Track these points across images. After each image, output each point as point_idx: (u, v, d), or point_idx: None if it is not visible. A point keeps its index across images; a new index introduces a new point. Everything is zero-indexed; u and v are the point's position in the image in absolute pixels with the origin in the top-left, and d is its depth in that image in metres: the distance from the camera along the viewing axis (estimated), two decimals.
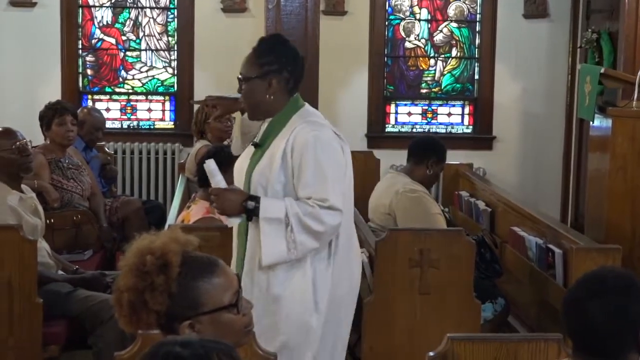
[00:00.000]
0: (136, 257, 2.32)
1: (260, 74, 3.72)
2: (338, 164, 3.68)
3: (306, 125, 3.68)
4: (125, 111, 9.30)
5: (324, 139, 3.66)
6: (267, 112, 3.76)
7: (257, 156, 3.75)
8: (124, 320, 2.36)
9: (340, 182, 3.64)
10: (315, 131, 3.66)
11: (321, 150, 3.62)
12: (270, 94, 3.72)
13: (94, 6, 9.23)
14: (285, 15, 7.58)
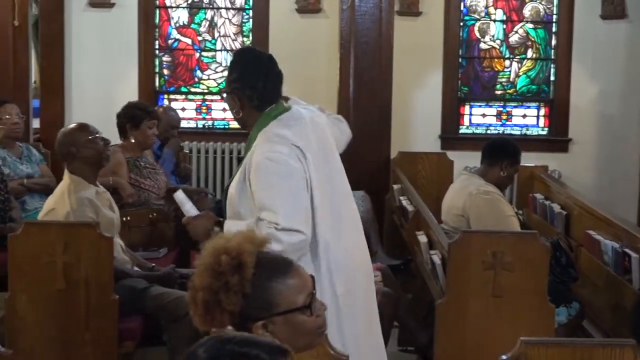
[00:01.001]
0: (212, 257, 2.34)
1: (229, 91, 3.72)
2: (290, 181, 3.55)
3: (261, 144, 3.60)
4: (200, 111, 9.39)
5: (274, 158, 3.54)
6: (244, 126, 3.77)
7: (236, 171, 3.77)
8: (198, 318, 2.38)
9: (294, 200, 3.53)
10: (267, 152, 3.56)
11: (271, 172, 3.52)
12: (238, 109, 3.70)
13: (170, 7, 9.34)
14: (360, 16, 7.58)
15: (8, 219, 6.10)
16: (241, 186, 3.62)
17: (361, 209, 6.92)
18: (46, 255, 4.49)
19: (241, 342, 1.79)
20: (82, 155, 4.98)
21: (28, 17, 7.83)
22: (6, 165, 6.50)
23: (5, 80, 7.66)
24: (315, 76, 8.87)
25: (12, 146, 6.70)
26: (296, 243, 3.50)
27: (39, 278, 4.52)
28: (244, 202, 3.62)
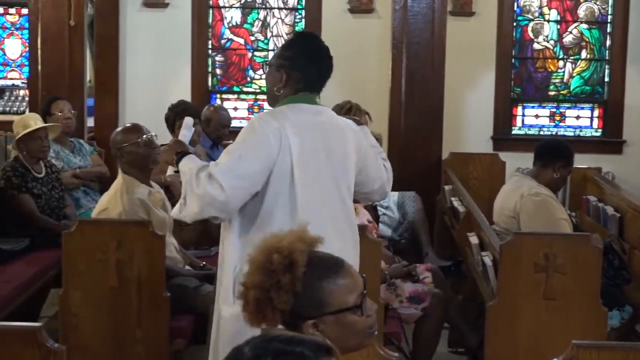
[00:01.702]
0: (263, 255, 2.35)
1: (275, 65, 3.66)
2: (251, 147, 3.49)
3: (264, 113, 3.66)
4: (252, 110, 9.44)
5: (256, 124, 3.53)
6: (272, 102, 3.70)
7: None
8: (250, 316, 2.39)
9: (240, 163, 3.47)
10: (257, 118, 3.61)
11: (246, 131, 3.54)
12: (278, 87, 3.64)
13: (224, 7, 9.40)
14: (412, 16, 7.57)
15: (62, 216, 6.19)
16: None
17: (412, 209, 6.93)
18: (99, 253, 4.54)
19: (286, 340, 1.80)
20: (129, 158, 5.02)
21: (84, 17, 7.92)
22: (59, 158, 6.62)
23: (61, 79, 7.75)
24: (366, 76, 8.87)
25: (65, 141, 6.83)
26: (213, 196, 3.44)
27: (92, 275, 4.57)
28: None
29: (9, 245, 5.84)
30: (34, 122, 6.15)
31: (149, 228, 4.59)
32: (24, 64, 10.64)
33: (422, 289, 5.21)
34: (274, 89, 3.65)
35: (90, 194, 6.74)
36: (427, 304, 5.17)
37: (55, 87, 7.60)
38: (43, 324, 2.98)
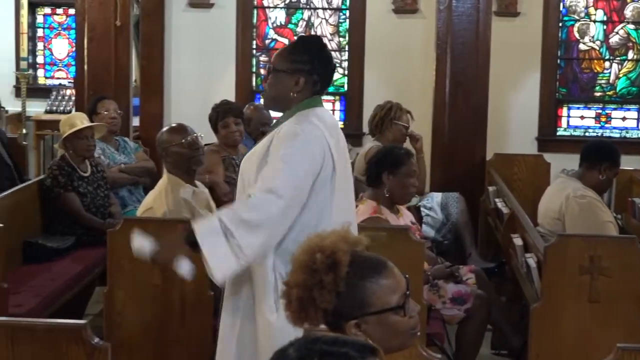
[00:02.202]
0: (306, 255, 2.36)
1: (290, 70, 3.62)
2: (303, 159, 3.43)
3: (294, 120, 3.54)
4: None
5: (299, 133, 3.45)
6: (283, 106, 3.66)
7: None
8: (292, 315, 2.40)
9: (296, 176, 3.38)
10: (297, 126, 3.49)
11: (290, 145, 3.42)
12: (295, 91, 3.61)
13: (268, 7, 9.43)
14: (457, 17, 7.54)
15: (107, 214, 6.24)
16: (261, 160, 3.50)
17: (455, 210, 6.91)
18: None
19: (330, 341, 1.80)
20: (174, 158, 5.06)
21: (130, 17, 7.97)
22: (105, 156, 6.69)
23: (107, 78, 7.82)
24: (410, 77, 8.86)
25: (110, 140, 6.89)
26: (276, 213, 3.29)
27: (136, 274, 4.60)
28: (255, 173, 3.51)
29: (55, 243, 5.90)
30: (80, 122, 6.21)
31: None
32: (70, 63, 10.74)
33: (465, 290, 5.20)
34: (289, 93, 3.61)
35: (135, 193, 6.79)
36: (470, 305, 5.15)
37: (101, 87, 7.67)
38: (88, 322, 3.01)
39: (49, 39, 10.95)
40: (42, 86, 10.86)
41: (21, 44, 10.24)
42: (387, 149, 5.34)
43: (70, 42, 10.77)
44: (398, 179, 4.99)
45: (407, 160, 5.04)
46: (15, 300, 4.93)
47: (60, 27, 10.92)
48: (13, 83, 10.51)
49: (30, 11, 10.54)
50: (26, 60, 10.31)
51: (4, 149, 7.21)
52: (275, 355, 1.82)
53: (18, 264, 5.67)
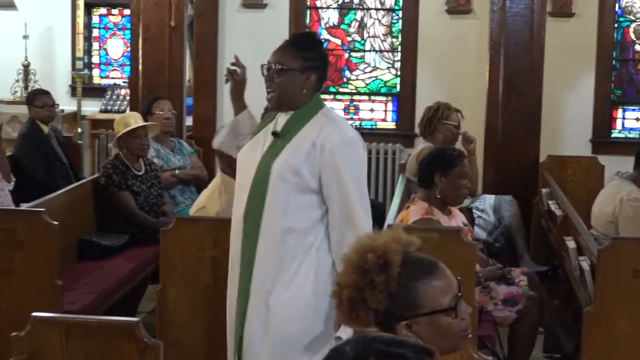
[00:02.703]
0: (358, 255, 2.36)
1: (302, 68, 3.66)
2: (363, 167, 3.69)
3: (335, 126, 3.64)
4: (348, 111, 9.46)
5: (351, 141, 3.64)
6: (294, 105, 3.69)
7: (277, 147, 3.64)
8: (343, 316, 2.40)
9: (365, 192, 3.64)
10: (344, 134, 3.64)
11: (359, 155, 3.64)
12: (305, 88, 3.68)
13: (321, 7, 9.44)
14: (511, 17, 7.49)
15: (161, 213, 6.29)
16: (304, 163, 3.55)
17: (508, 214, 6.87)
18: (196, 250, 4.60)
19: (387, 341, 1.80)
20: (229, 158, 5.08)
21: (184, 17, 8.03)
22: (159, 157, 6.73)
23: (161, 78, 7.88)
24: (463, 77, 8.82)
25: (165, 140, 6.93)
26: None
27: (188, 272, 4.63)
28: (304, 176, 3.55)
29: (109, 241, 5.97)
30: (134, 121, 6.27)
31: None
32: (125, 63, 10.85)
33: (516, 291, 5.16)
34: (301, 91, 3.67)
35: (186, 191, 6.83)
36: (522, 307, 5.12)
37: (155, 87, 7.73)
38: (141, 319, 3.03)
39: (105, 39, 11.07)
40: (97, 86, 10.98)
41: (77, 44, 10.36)
42: (439, 149, 5.32)
43: (125, 42, 10.88)
44: (450, 180, 4.97)
45: (460, 161, 5.01)
46: (69, 297, 4.99)
47: (115, 27, 11.04)
48: (69, 82, 10.64)
49: (87, 12, 10.66)
50: (82, 60, 10.43)
51: (59, 148, 7.31)
52: (331, 353, 1.83)
53: (73, 261, 5.74)
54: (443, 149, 5.28)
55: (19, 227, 4.77)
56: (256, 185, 3.59)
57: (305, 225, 3.55)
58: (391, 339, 1.82)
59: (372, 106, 9.46)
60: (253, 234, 3.58)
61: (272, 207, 3.55)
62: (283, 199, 3.54)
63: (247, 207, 3.61)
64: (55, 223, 4.81)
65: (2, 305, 4.74)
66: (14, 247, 4.75)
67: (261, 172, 3.60)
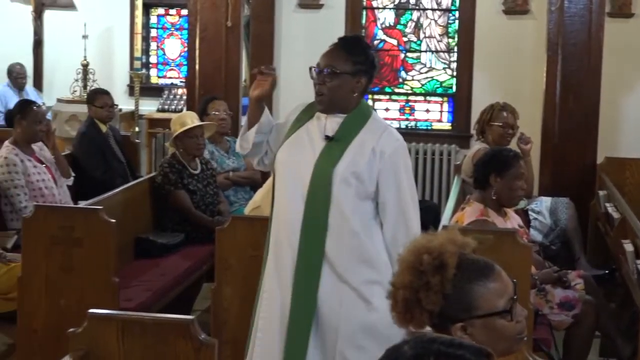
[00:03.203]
0: (413, 256, 2.35)
1: (353, 71, 3.70)
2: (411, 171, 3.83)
3: (390, 132, 3.75)
4: (403, 111, 9.44)
5: (404, 147, 3.77)
6: (345, 108, 3.73)
7: (334, 151, 3.66)
8: (398, 316, 2.39)
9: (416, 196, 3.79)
10: (399, 141, 3.74)
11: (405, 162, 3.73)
12: (356, 92, 3.73)
13: (377, 8, 9.43)
14: (568, 18, 7.42)
15: (216, 212, 6.33)
16: (365, 169, 3.64)
17: (565, 216, 6.80)
18: (251, 249, 4.62)
19: (446, 342, 1.80)
20: None
21: (240, 18, 8.07)
22: (214, 159, 6.75)
23: (217, 78, 7.92)
24: (520, 78, 8.76)
25: (220, 141, 6.96)
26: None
27: (243, 271, 4.66)
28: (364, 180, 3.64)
29: (165, 239, 6.02)
30: (190, 121, 6.31)
31: None
32: (182, 63, 10.93)
33: (573, 295, 5.12)
34: (352, 94, 3.73)
35: (240, 191, 6.85)
36: (578, 311, 5.07)
37: (211, 87, 7.78)
38: (196, 317, 3.06)
39: (162, 39, 11.17)
40: (155, 85, 11.08)
41: (135, 44, 10.46)
42: (495, 150, 5.29)
43: (182, 42, 10.97)
44: (506, 182, 4.94)
45: (516, 162, 4.98)
46: (126, 294, 5.04)
47: (173, 27, 11.13)
48: (127, 82, 10.75)
49: (145, 12, 10.76)
50: (140, 60, 10.52)
51: (117, 147, 7.38)
52: (389, 351, 1.82)
53: (129, 259, 5.80)
54: (499, 150, 5.25)
55: (78, 225, 4.84)
56: (316, 189, 3.63)
57: (366, 228, 3.64)
58: (450, 340, 1.81)
59: (428, 107, 9.43)
60: (316, 236, 3.62)
61: (339, 211, 3.61)
62: (349, 202, 3.62)
63: (307, 211, 3.64)
64: (113, 221, 4.86)
65: (61, 302, 4.81)
66: (73, 245, 4.82)
67: (320, 177, 3.63)
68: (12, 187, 5.93)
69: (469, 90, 9.12)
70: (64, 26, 10.75)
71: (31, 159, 6.12)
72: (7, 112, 6.50)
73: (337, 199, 3.61)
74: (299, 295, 3.65)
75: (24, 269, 4.89)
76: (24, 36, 10.83)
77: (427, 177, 9.11)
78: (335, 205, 3.60)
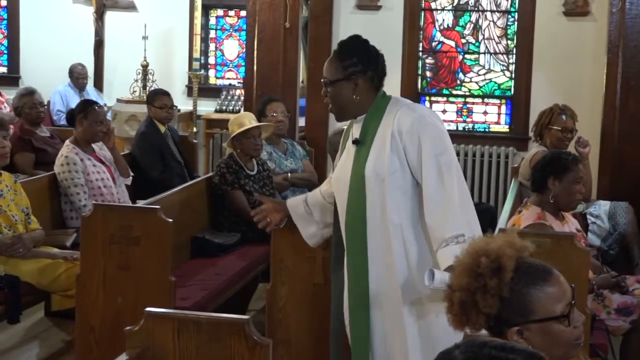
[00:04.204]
0: (471, 258, 2.35)
1: (345, 76, 3.72)
2: (442, 136, 3.66)
3: (405, 109, 3.69)
4: (461, 113, 9.39)
5: (423, 117, 3.66)
6: (355, 112, 3.77)
7: (363, 153, 3.71)
8: (454, 318, 2.39)
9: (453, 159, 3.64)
10: (415, 112, 3.67)
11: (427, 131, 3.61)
12: (357, 94, 3.73)
13: (435, 9, 9.40)
14: (630, 19, 7.34)
15: None
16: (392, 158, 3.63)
17: (624, 220, 6.72)
18: (307, 250, 4.62)
19: (498, 346, 1.78)
20: None
21: (299, 19, 8.09)
22: (272, 160, 6.78)
23: (275, 79, 7.95)
24: (580, 80, 8.67)
25: (278, 142, 6.98)
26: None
27: (299, 272, 4.66)
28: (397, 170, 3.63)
29: (222, 239, 6.05)
30: (248, 121, 6.34)
31: None
32: (240, 64, 11.00)
33: (631, 300, 5.05)
34: (353, 97, 3.74)
35: (298, 192, 6.87)
36: (636, 317, 5.01)
37: (269, 87, 7.81)
38: (251, 317, 3.07)
39: (221, 40, 11.24)
40: (213, 86, 11.16)
41: (194, 45, 10.55)
42: (553, 154, 5.24)
43: (240, 43, 11.03)
44: (564, 185, 4.89)
45: (574, 166, 4.93)
46: (182, 293, 5.08)
47: (231, 28, 11.20)
48: (186, 83, 10.84)
49: (204, 13, 10.85)
50: (198, 60, 10.61)
51: (175, 147, 7.44)
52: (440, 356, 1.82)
53: (186, 258, 5.84)
54: (557, 154, 5.20)
55: (136, 224, 4.88)
56: (353, 193, 3.73)
57: (414, 216, 3.65)
58: (502, 345, 1.80)
59: (486, 109, 9.38)
60: (358, 240, 3.71)
61: (377, 209, 3.65)
62: (386, 198, 3.63)
63: (348, 214, 3.75)
64: (170, 220, 4.90)
65: (118, 300, 4.86)
66: (130, 244, 4.86)
67: (355, 181, 3.72)
68: (72, 186, 6.01)
69: (528, 92, 9.05)
70: (124, 27, 10.88)
71: (91, 158, 6.20)
72: (68, 112, 6.58)
73: (372, 198, 3.67)
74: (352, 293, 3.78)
75: (83, 266, 4.95)
76: (85, 37, 10.98)
77: (484, 180, 9.06)
78: (371, 204, 3.66)
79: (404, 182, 3.65)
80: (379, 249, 3.68)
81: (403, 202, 3.65)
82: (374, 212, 3.66)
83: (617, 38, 7.44)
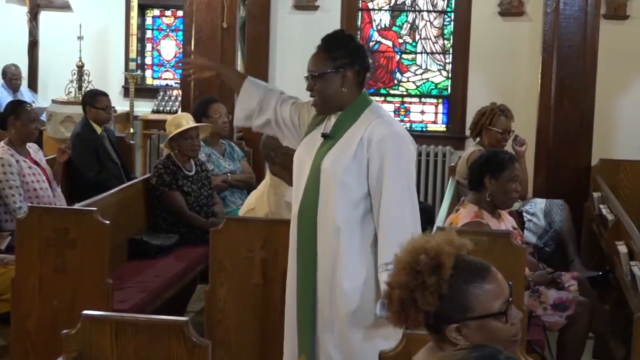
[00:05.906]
0: (410, 256, 2.35)
1: (334, 68, 3.71)
2: (409, 161, 3.69)
3: (382, 120, 3.68)
4: (398, 113, 9.44)
5: (397, 135, 3.65)
6: (339, 105, 3.75)
7: (326, 147, 3.71)
8: (393, 316, 2.39)
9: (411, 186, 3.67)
10: (392, 128, 3.66)
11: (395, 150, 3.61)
12: (345, 86, 3.72)
13: (373, 9, 9.44)
14: (564, 20, 7.43)
15: (211, 213, 6.33)
16: (352, 161, 3.62)
17: (559, 218, 6.81)
18: (245, 250, 4.62)
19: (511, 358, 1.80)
20: (284, 159, 5.10)
21: (236, 19, 8.07)
22: (210, 161, 6.75)
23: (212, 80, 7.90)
24: (515, 80, 8.77)
25: (216, 143, 6.96)
26: None
27: (237, 272, 4.66)
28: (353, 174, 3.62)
29: (159, 240, 6.01)
30: (185, 122, 6.31)
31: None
32: (177, 64, 10.93)
33: (566, 296, 5.12)
34: (341, 90, 3.72)
35: (236, 192, 6.86)
36: (572, 312, 5.08)
37: (207, 88, 7.76)
38: (189, 319, 3.06)
39: (157, 40, 11.16)
40: (150, 86, 11.08)
41: (130, 45, 10.46)
42: (490, 153, 5.29)
43: (177, 43, 10.96)
44: (500, 184, 4.94)
45: (511, 164, 4.98)
46: (120, 295, 5.04)
47: (168, 28, 11.12)
48: (122, 83, 10.75)
49: (140, 13, 10.76)
50: (135, 61, 10.52)
51: (112, 148, 7.37)
52: None
53: (123, 260, 5.79)
54: (494, 152, 5.25)
55: (72, 226, 4.83)
56: (309, 186, 3.71)
57: (354, 223, 3.63)
58: None
59: (423, 108, 9.44)
60: (309, 231, 3.70)
61: (326, 207, 3.64)
62: (335, 198, 3.62)
63: (301, 207, 3.73)
64: (107, 222, 4.86)
65: (55, 303, 4.80)
66: (67, 246, 4.81)
67: (313, 173, 3.70)
68: (7, 188, 5.93)
69: (464, 92, 9.13)
70: (59, 27, 10.74)
71: (26, 160, 6.12)
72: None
73: (324, 195, 3.65)
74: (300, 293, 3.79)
75: (18, 270, 4.88)
76: (19, 37, 10.82)
77: (421, 179, 9.11)
78: (323, 201, 3.65)
79: (355, 189, 3.63)
80: (327, 240, 3.67)
81: (347, 207, 3.63)
82: (324, 206, 3.65)
83: (551, 38, 7.53)
